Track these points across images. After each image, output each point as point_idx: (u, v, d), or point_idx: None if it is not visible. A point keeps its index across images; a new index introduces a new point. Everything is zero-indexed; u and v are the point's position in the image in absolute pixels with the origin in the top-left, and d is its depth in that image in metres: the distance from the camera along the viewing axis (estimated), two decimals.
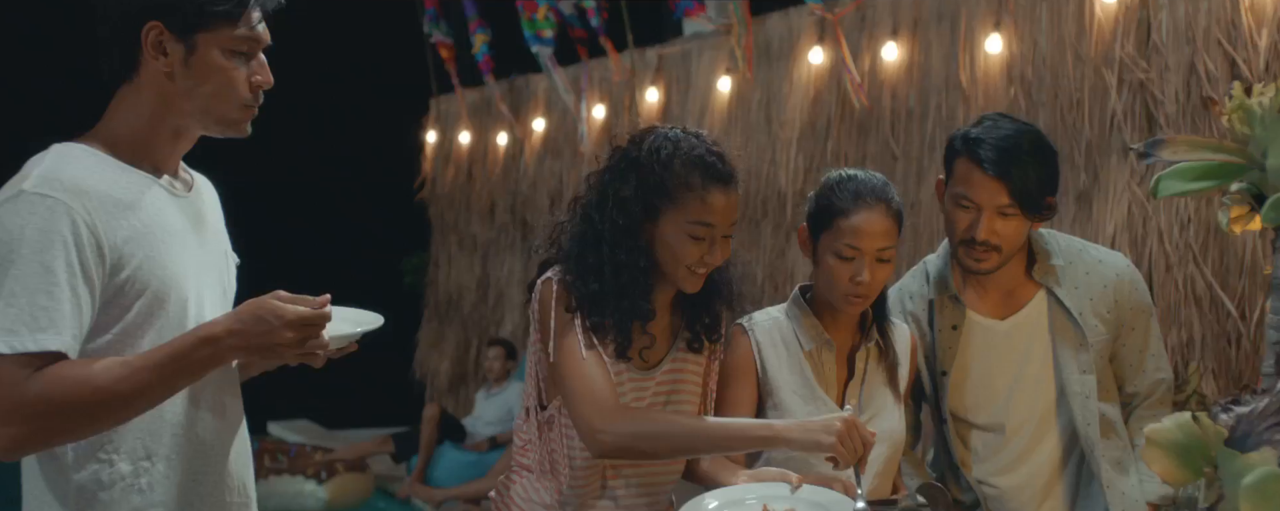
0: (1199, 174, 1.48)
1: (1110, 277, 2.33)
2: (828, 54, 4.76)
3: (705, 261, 2.02)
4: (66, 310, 1.60)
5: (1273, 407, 1.38)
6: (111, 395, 1.60)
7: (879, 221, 2.16)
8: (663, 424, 2.00)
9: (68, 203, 1.62)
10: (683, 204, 2.00)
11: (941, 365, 2.34)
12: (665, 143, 2.03)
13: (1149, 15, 3.64)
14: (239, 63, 1.76)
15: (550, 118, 6.54)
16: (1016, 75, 4.05)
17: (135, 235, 1.68)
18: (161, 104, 1.75)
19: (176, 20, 1.72)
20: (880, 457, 2.22)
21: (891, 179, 4.43)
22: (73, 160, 1.69)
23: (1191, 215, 3.45)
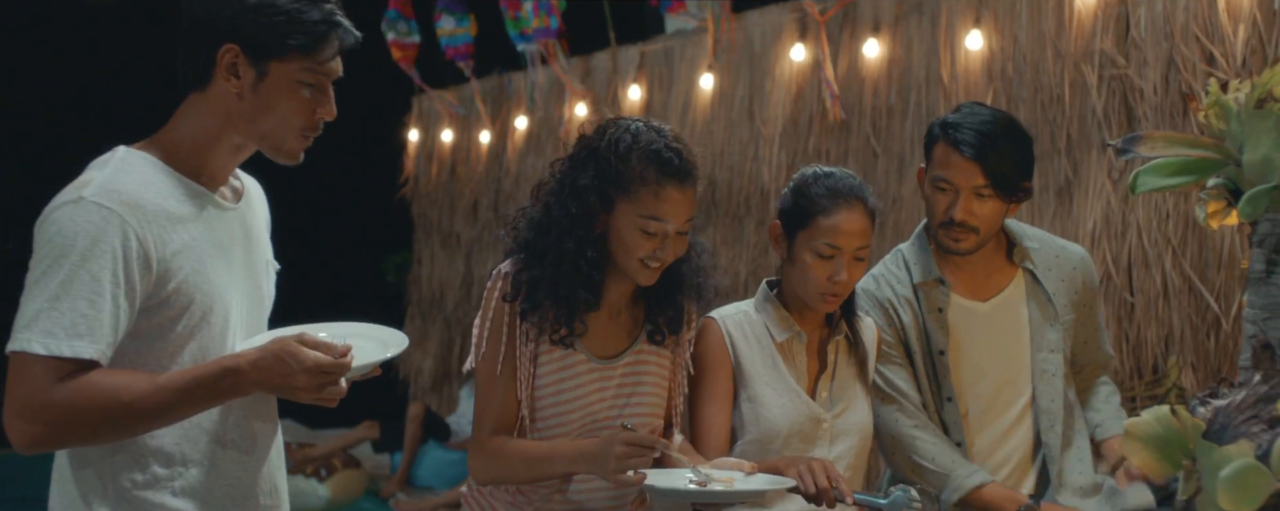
0: (1176, 169, 1.49)
1: (1076, 260, 2.47)
2: (809, 51, 4.77)
3: (657, 256, 2.02)
4: (106, 320, 1.65)
5: (1250, 400, 1.39)
6: (133, 411, 1.66)
7: (858, 221, 2.19)
8: (522, 461, 2.04)
9: (122, 215, 1.67)
10: (636, 197, 2.01)
11: (937, 345, 2.38)
12: (625, 135, 2.03)
13: (1128, 11, 3.66)
14: (306, 92, 1.79)
15: (532, 115, 6.53)
16: (997, 71, 4.07)
17: (184, 249, 1.74)
18: (225, 120, 1.79)
19: (254, 46, 1.75)
20: (851, 451, 2.24)
21: (873, 176, 4.50)
22: (132, 170, 1.73)
23: (1170, 210, 3.48)
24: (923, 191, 2.41)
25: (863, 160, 4.55)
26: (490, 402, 2.07)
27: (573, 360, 2.07)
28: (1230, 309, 3.30)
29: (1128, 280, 3.58)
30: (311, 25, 1.76)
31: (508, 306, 2.05)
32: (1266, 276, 1.43)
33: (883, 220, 4.45)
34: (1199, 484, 1.38)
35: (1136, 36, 3.62)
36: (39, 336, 1.62)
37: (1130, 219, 3.57)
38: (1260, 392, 1.39)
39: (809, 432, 2.22)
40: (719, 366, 2.23)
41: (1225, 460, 1.34)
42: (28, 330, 1.63)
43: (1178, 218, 3.45)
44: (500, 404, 2.06)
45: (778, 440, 2.20)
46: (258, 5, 1.75)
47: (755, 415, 2.22)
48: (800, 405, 2.22)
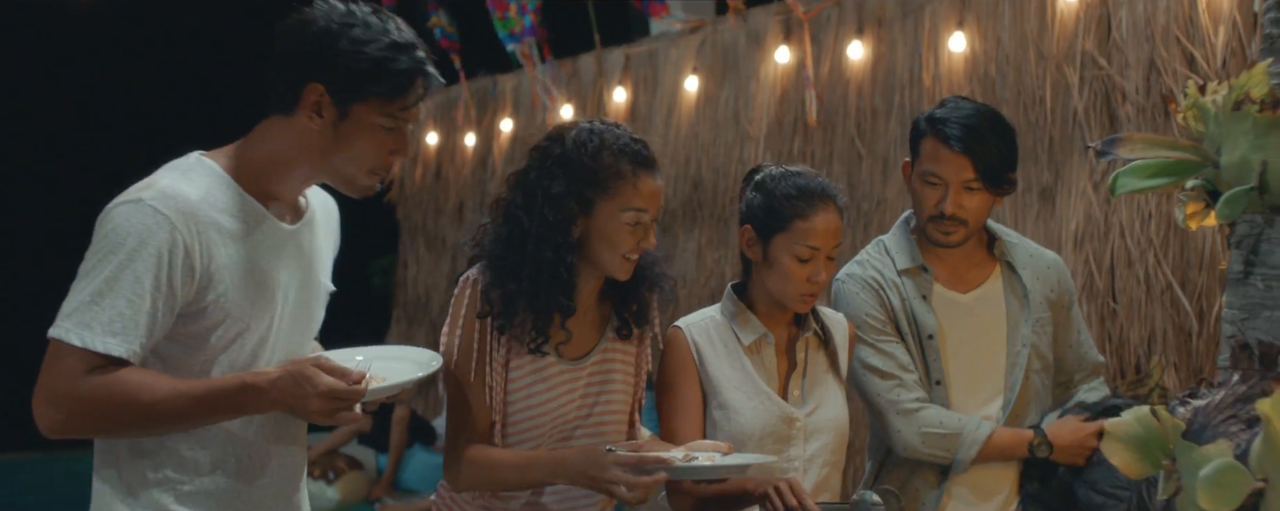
0: (1155, 171, 1.50)
1: (1050, 259, 2.51)
2: (794, 53, 4.78)
3: (639, 248, 2.04)
4: (142, 321, 1.70)
5: (1228, 400, 1.40)
6: (150, 412, 1.71)
7: (834, 220, 2.24)
8: (505, 468, 2.04)
9: (174, 221, 1.71)
10: (616, 192, 2.01)
11: (926, 329, 2.41)
12: (590, 136, 2.04)
13: (1109, 12, 3.68)
14: (384, 133, 1.81)
15: (518, 118, 6.52)
16: (980, 73, 4.08)
17: (230, 263, 1.77)
18: (300, 150, 1.82)
19: (339, 88, 1.78)
20: (827, 447, 2.25)
21: (857, 176, 4.52)
22: (196, 179, 1.78)
23: (1152, 210, 3.50)
24: (909, 186, 2.45)
25: (847, 161, 4.56)
26: (465, 412, 2.07)
27: (544, 363, 2.07)
28: (1212, 309, 3.32)
29: (1110, 281, 3.60)
30: (398, 73, 1.79)
31: (476, 313, 2.04)
32: (1244, 277, 1.44)
33: (867, 220, 4.46)
34: (1179, 483, 1.39)
35: (1118, 38, 3.64)
36: (76, 328, 1.68)
37: (1113, 220, 3.59)
38: (1238, 392, 1.40)
39: (783, 432, 2.22)
40: (686, 378, 2.23)
41: (1204, 460, 1.35)
42: (68, 320, 1.70)
43: (1160, 219, 3.47)
44: (475, 412, 2.06)
45: (751, 442, 2.21)
46: (348, 50, 1.77)
47: (728, 421, 2.22)
48: (772, 406, 2.22)
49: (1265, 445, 1.31)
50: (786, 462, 2.23)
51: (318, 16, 1.79)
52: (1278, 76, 1.41)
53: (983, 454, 2.35)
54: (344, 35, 1.77)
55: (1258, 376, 1.39)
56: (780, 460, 2.22)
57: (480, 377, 2.05)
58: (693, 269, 5.20)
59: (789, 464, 2.23)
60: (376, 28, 1.79)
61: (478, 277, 2.06)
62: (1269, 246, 1.41)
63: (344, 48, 1.76)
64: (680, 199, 5.28)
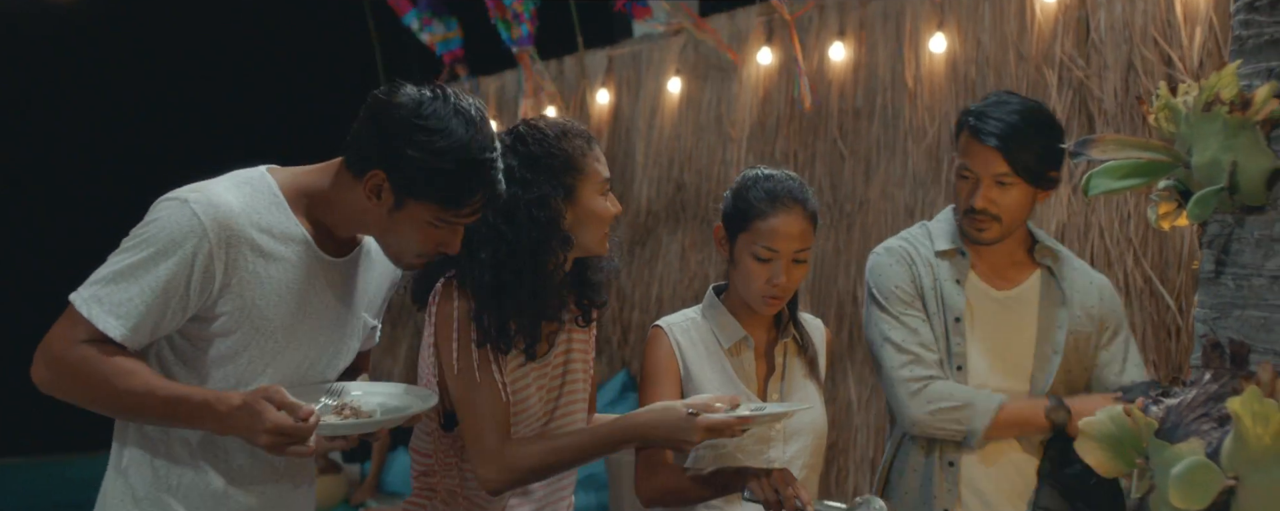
0: (1128, 172, 1.51)
1: (1095, 278, 2.45)
2: (776, 55, 4.79)
3: (613, 215, 2.06)
4: (149, 315, 1.76)
5: (1200, 399, 1.41)
6: (119, 399, 1.77)
7: (796, 223, 2.19)
8: (541, 454, 2.02)
9: (209, 231, 1.76)
10: (589, 170, 2.04)
11: (954, 311, 2.37)
12: (535, 131, 2.04)
13: (1088, 14, 3.70)
14: (435, 231, 1.83)
15: (501, 118, 6.52)
16: (960, 74, 4.10)
17: (256, 281, 1.80)
18: (357, 215, 1.85)
19: (400, 180, 1.79)
20: (806, 450, 2.25)
21: (839, 178, 4.53)
22: (248, 194, 1.82)
23: (1131, 210, 3.52)
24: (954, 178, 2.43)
25: (830, 162, 4.57)
26: (484, 410, 2.00)
27: (517, 363, 2.06)
28: (1190, 308, 3.34)
29: None
30: (458, 185, 1.79)
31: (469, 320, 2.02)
32: (1216, 276, 1.45)
33: (850, 221, 4.48)
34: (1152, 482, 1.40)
35: (1096, 39, 3.66)
36: (90, 300, 1.75)
37: (1092, 220, 3.61)
38: (1210, 391, 1.41)
39: (762, 434, 2.23)
40: (666, 376, 2.23)
41: (1176, 458, 1.35)
42: (87, 288, 1.77)
43: (1138, 219, 3.50)
44: (494, 408, 2.01)
45: (730, 443, 2.21)
46: (416, 154, 1.76)
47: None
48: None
49: (1236, 443, 1.32)
50: (767, 463, 2.24)
51: (404, 103, 1.79)
52: (1248, 78, 1.42)
53: (996, 424, 2.27)
54: (418, 135, 1.76)
55: (1229, 375, 1.40)
56: (762, 460, 2.23)
57: (486, 370, 2.01)
58: (676, 270, 5.21)
59: (769, 464, 2.24)
60: (455, 136, 1.77)
61: (459, 299, 2.02)
62: (1239, 246, 1.42)
63: (414, 152, 1.76)
64: (663, 201, 5.28)
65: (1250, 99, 1.38)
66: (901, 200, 4.30)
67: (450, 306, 2.02)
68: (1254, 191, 1.39)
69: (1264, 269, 1.39)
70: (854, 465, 4.35)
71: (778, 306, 2.24)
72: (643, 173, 5.38)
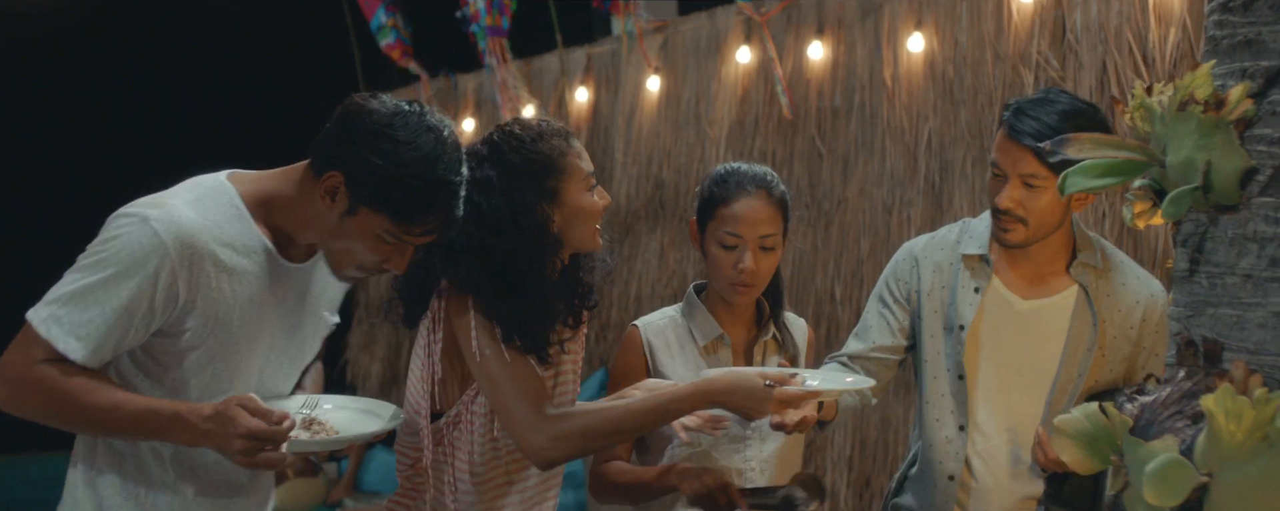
0: (1103, 171, 1.52)
1: (1144, 295, 2.28)
2: (755, 53, 4.80)
3: (605, 207, 2.04)
4: (111, 335, 1.72)
5: (1175, 397, 1.43)
6: (82, 417, 1.74)
7: (761, 208, 2.18)
8: (594, 419, 1.95)
9: (172, 251, 1.71)
10: (572, 169, 2.00)
11: (959, 320, 2.28)
12: (511, 138, 2.00)
13: (1064, 14, 3.73)
14: (384, 245, 1.79)
15: (480, 117, 6.50)
16: (938, 73, 4.12)
17: (221, 296, 1.77)
18: (312, 217, 1.81)
19: (357, 186, 1.75)
20: (783, 447, 2.26)
21: (818, 176, 4.54)
22: (211, 208, 1.77)
23: (1106, 210, 3.54)
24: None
25: (808, 161, 4.58)
26: (523, 383, 1.93)
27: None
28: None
29: None
30: (415, 201, 1.76)
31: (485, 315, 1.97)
32: (1190, 275, 1.46)
33: (829, 219, 4.49)
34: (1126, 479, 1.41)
35: (1072, 40, 3.69)
36: (48, 320, 1.71)
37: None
38: (1184, 389, 1.42)
39: (737, 432, 2.23)
40: (630, 378, 2.24)
41: (1151, 455, 1.36)
42: (46, 307, 1.73)
43: (1113, 218, 3.52)
44: (532, 380, 1.95)
45: (705, 441, 2.22)
46: (380, 162, 1.73)
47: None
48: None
49: (1209, 440, 1.33)
50: (743, 463, 2.24)
51: (377, 111, 1.76)
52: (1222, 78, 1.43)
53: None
54: (385, 143, 1.73)
55: (1202, 373, 1.41)
56: (737, 460, 2.24)
57: (514, 350, 1.96)
58: (655, 269, 5.21)
59: (746, 465, 2.24)
60: (422, 151, 1.74)
61: (473, 303, 1.96)
62: (1213, 245, 1.43)
63: (377, 159, 1.73)
64: (642, 199, 5.28)
65: (1224, 99, 1.39)
66: (879, 199, 4.31)
67: (461, 302, 1.98)
68: (1228, 190, 1.40)
69: (1237, 267, 1.40)
70: (831, 463, 4.36)
71: (748, 294, 2.22)
72: (621, 171, 5.38)
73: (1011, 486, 2.29)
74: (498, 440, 2.04)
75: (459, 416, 2.04)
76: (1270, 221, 1.36)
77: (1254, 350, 1.37)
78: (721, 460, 2.22)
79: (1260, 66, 1.38)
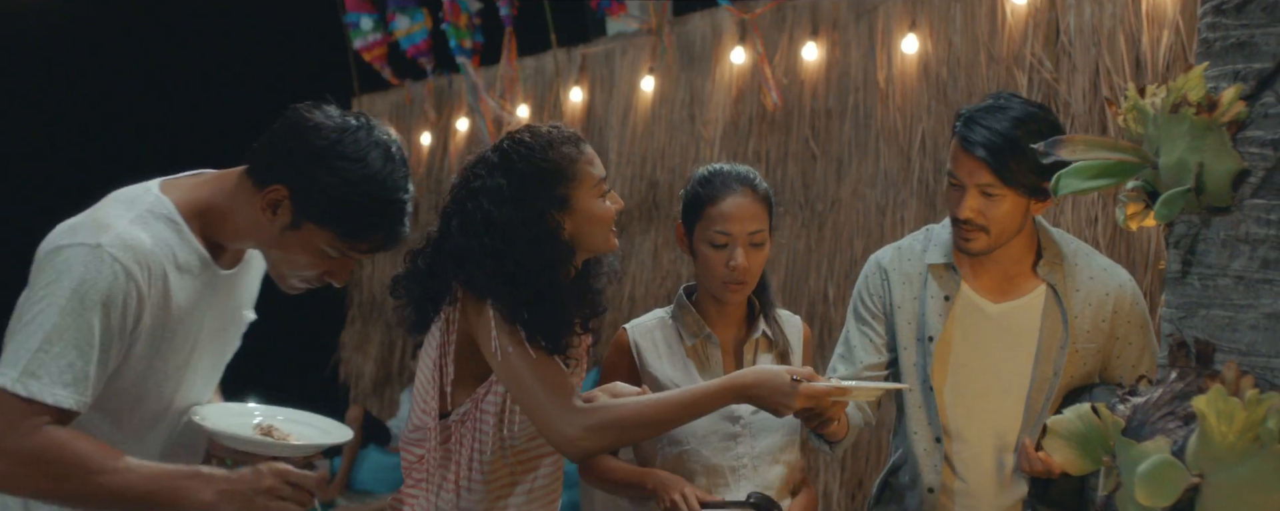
0: (1096, 172, 1.52)
1: (1113, 286, 2.28)
2: (749, 54, 4.80)
3: (618, 210, 2.03)
4: (92, 372, 1.63)
5: (1166, 398, 1.43)
6: (93, 486, 1.63)
7: (748, 205, 2.21)
8: (628, 411, 1.95)
9: (135, 274, 1.66)
10: (582, 175, 1.98)
11: (928, 331, 2.28)
12: (521, 146, 1.97)
13: (1057, 16, 3.74)
14: (326, 258, 1.77)
15: (474, 118, 6.50)
16: (932, 75, 4.13)
17: (166, 310, 1.72)
18: (251, 226, 1.76)
19: (303, 201, 1.71)
20: (776, 446, 2.26)
21: (811, 177, 4.54)
22: (153, 227, 1.70)
23: (1098, 212, 3.55)
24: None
25: (802, 162, 4.59)
26: (550, 378, 1.92)
27: None
28: (1156, 309, 3.37)
29: None
30: (362, 219, 1.73)
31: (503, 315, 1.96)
32: (1182, 276, 1.47)
33: (821, 221, 4.50)
34: (1118, 479, 1.42)
35: (1065, 42, 3.70)
36: (23, 377, 1.60)
37: (1059, 221, 3.64)
38: (1176, 390, 1.43)
39: (727, 430, 2.24)
40: (620, 377, 2.24)
41: (1142, 456, 1.37)
42: (12, 369, 1.60)
43: (1105, 221, 3.53)
44: (559, 374, 1.93)
45: (693, 440, 2.23)
46: (328, 178, 1.70)
47: None
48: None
49: (1201, 441, 1.34)
50: (734, 461, 2.25)
51: (324, 125, 1.72)
52: (1214, 80, 1.44)
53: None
54: (334, 162, 1.70)
55: (1194, 374, 1.41)
56: (727, 458, 2.24)
57: (537, 347, 1.94)
58: (649, 270, 5.21)
59: (737, 462, 2.25)
60: (370, 168, 1.71)
61: (492, 308, 1.94)
62: (1206, 246, 1.44)
63: (326, 175, 1.70)
64: (636, 199, 5.28)
65: (1217, 101, 1.40)
66: (873, 200, 4.32)
67: (478, 306, 1.95)
68: (1220, 192, 1.40)
69: (1229, 269, 1.40)
70: (824, 464, 4.37)
71: (740, 292, 2.23)
72: (616, 171, 5.37)
73: (999, 493, 2.29)
74: (506, 438, 2.04)
75: (468, 414, 2.02)
76: (1262, 223, 1.37)
77: (1246, 351, 1.37)
78: (712, 458, 2.22)
79: (1253, 68, 1.39)
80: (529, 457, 2.05)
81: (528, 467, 2.06)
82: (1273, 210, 1.37)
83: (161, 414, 1.82)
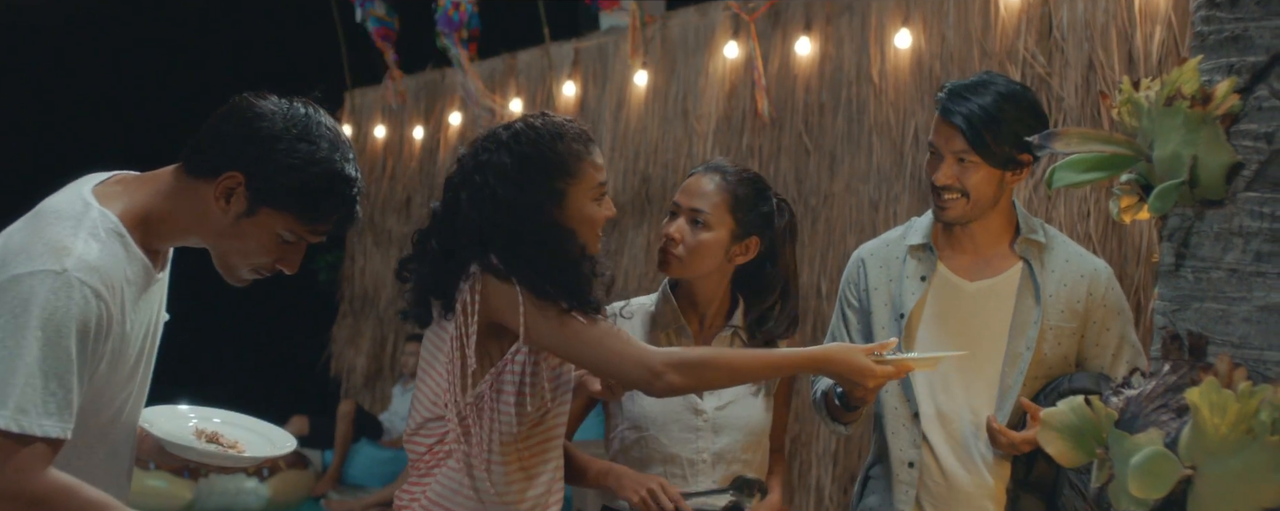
0: (1091, 165, 1.52)
1: (1088, 270, 2.35)
2: (742, 49, 4.80)
3: (609, 218, 2.05)
4: (73, 399, 1.62)
5: (1159, 390, 1.43)
6: None
7: (703, 183, 2.26)
8: (711, 353, 2.04)
9: (104, 296, 1.64)
10: (583, 175, 2.00)
11: (900, 308, 2.36)
12: (531, 130, 2.00)
13: (1050, 11, 3.74)
14: (281, 243, 1.76)
15: (466, 111, 6.49)
16: (925, 70, 4.13)
17: (123, 324, 1.70)
18: (197, 222, 1.75)
19: (260, 186, 1.71)
20: (737, 445, 2.26)
21: (804, 172, 4.55)
22: (105, 244, 1.67)
23: (1091, 206, 3.56)
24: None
25: (795, 157, 4.59)
26: (612, 333, 1.95)
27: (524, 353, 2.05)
28: (1148, 302, 3.38)
29: None
30: (321, 200, 1.74)
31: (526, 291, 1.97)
32: (1175, 269, 1.47)
33: (815, 215, 4.50)
34: (1111, 471, 1.42)
35: (1058, 37, 3.70)
36: (15, 415, 1.57)
37: (1052, 215, 3.65)
38: (1169, 382, 1.43)
39: (688, 421, 2.24)
40: None
41: (1135, 448, 1.37)
42: (2, 407, 1.57)
43: (1098, 214, 3.54)
44: (610, 327, 1.96)
45: (653, 427, 2.24)
46: (284, 162, 1.70)
47: (633, 403, 2.26)
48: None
49: (1194, 433, 1.34)
50: (695, 455, 2.25)
51: (275, 111, 1.73)
52: (1208, 73, 1.44)
53: (827, 408, 2.33)
54: (290, 145, 1.71)
55: (1187, 366, 1.42)
56: (688, 449, 2.24)
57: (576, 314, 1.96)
58: (641, 264, 5.22)
59: (697, 456, 2.25)
60: (323, 149, 1.72)
61: (501, 278, 1.95)
62: (1199, 239, 1.44)
63: (281, 159, 1.70)
64: (629, 194, 5.28)
65: (1211, 94, 1.40)
66: (866, 194, 4.32)
67: (502, 289, 1.95)
68: (1213, 185, 1.40)
69: (1222, 262, 1.41)
70: (816, 458, 4.37)
71: (671, 266, 2.25)
72: (609, 166, 5.37)
73: (976, 469, 2.32)
74: (523, 418, 2.02)
75: (482, 397, 2.01)
76: (1255, 216, 1.37)
77: (1238, 344, 1.37)
78: (669, 447, 2.23)
79: (1247, 62, 1.39)
80: (549, 439, 2.06)
81: (542, 452, 2.07)
82: (1266, 203, 1.37)
83: (109, 426, 1.79)
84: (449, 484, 2.03)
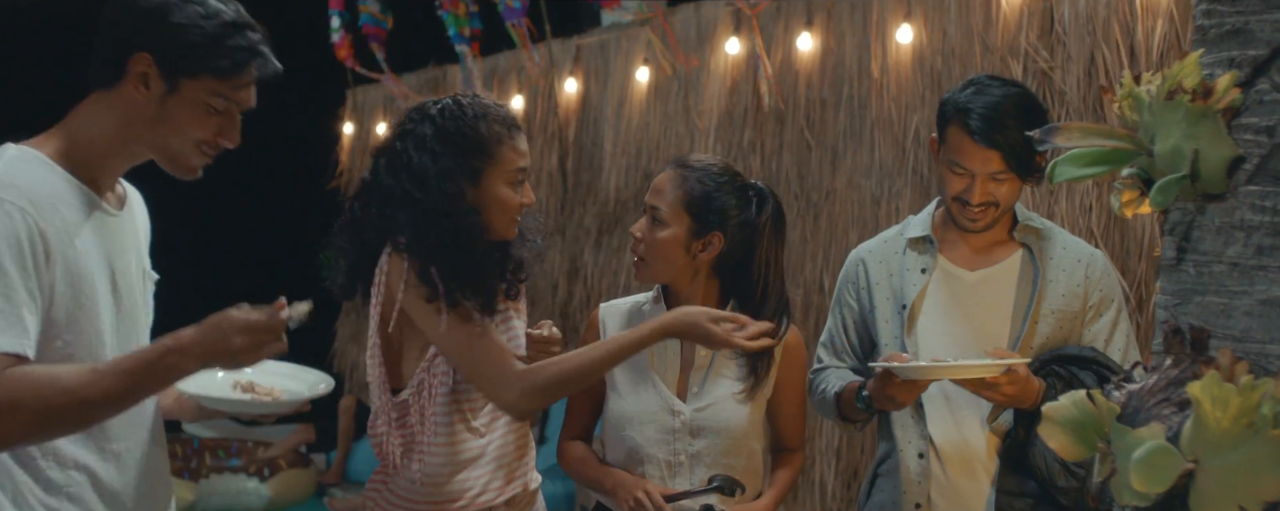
0: (1092, 159, 1.52)
1: (1085, 255, 2.39)
2: (744, 45, 4.80)
3: (524, 205, 2.06)
4: (25, 314, 1.59)
5: (1161, 384, 1.43)
6: (78, 399, 1.57)
7: (663, 180, 2.26)
8: (561, 367, 2.02)
9: (25, 208, 1.61)
10: (501, 158, 2.03)
11: (901, 299, 2.38)
12: (456, 107, 2.03)
13: (1051, 6, 3.74)
14: (213, 115, 1.75)
15: None
16: (927, 65, 4.13)
17: (73, 253, 1.68)
18: (126, 126, 1.74)
19: (169, 59, 1.71)
20: (716, 448, 2.25)
21: (806, 167, 4.55)
22: (27, 169, 1.67)
23: (1093, 201, 3.56)
24: (936, 163, 2.38)
25: (796, 152, 4.59)
26: (490, 345, 2.00)
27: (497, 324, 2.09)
28: (1150, 296, 3.38)
29: None
30: (230, 50, 1.74)
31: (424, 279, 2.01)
32: (1177, 263, 1.47)
33: (817, 211, 4.50)
34: (1113, 465, 1.42)
35: (1060, 31, 3.70)
36: None
37: (1054, 210, 3.65)
38: (1171, 376, 1.43)
39: (666, 423, 2.25)
40: None
41: (1137, 442, 1.37)
42: None
43: (1099, 209, 3.54)
44: (496, 341, 2.01)
45: (631, 426, 2.25)
46: (181, 23, 1.71)
47: (615, 400, 2.29)
48: (654, 395, 2.25)
49: (1195, 427, 1.34)
50: (671, 456, 2.25)
51: None
52: (1210, 67, 1.44)
53: (840, 409, 2.36)
54: (179, 9, 1.72)
55: (1189, 360, 1.42)
56: (666, 451, 2.25)
57: (472, 316, 2.01)
58: None
59: (674, 457, 2.25)
60: (212, 6, 1.74)
61: (408, 262, 2.00)
62: (1200, 233, 1.44)
63: (177, 20, 1.71)
64: (631, 190, 5.28)
65: (1212, 88, 1.40)
66: (868, 190, 4.32)
67: (402, 270, 2.00)
68: (1215, 179, 1.40)
69: (1224, 256, 1.41)
70: (819, 453, 4.38)
71: (640, 269, 2.27)
72: (611, 162, 5.38)
73: (986, 457, 2.33)
74: (459, 398, 2.07)
75: (423, 383, 2.06)
76: (1257, 210, 1.37)
77: (1240, 338, 1.38)
78: (647, 447, 2.26)
79: (1248, 55, 1.39)
80: (484, 420, 2.10)
81: (484, 429, 2.10)
82: (1268, 197, 1.37)
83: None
84: (397, 477, 2.08)
